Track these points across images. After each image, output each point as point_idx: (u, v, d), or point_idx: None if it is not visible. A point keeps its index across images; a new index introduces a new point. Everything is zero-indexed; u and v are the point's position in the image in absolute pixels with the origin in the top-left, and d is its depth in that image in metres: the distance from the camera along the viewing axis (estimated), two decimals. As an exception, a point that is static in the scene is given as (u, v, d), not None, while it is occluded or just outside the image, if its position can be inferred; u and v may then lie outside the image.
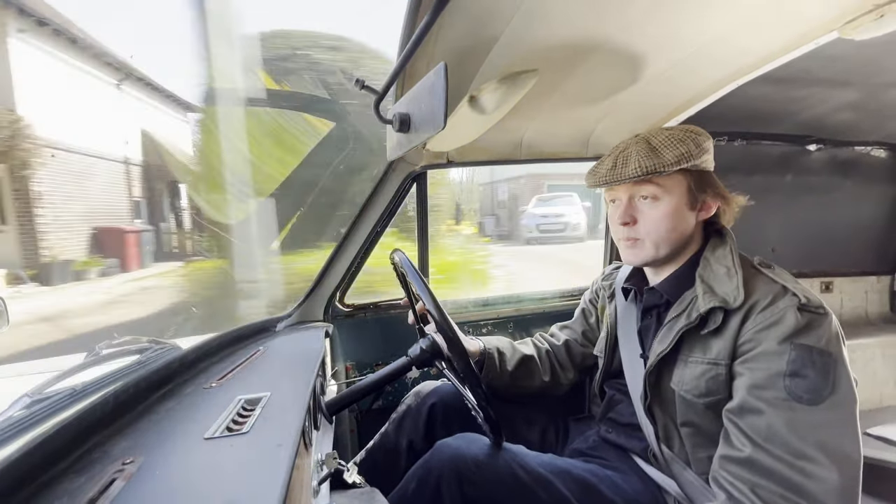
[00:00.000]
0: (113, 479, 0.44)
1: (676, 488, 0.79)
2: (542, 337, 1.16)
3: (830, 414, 0.62)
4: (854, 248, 1.85)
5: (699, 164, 0.77)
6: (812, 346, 0.64)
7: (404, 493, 0.78)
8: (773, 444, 0.62)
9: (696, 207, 0.80)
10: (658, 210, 0.79)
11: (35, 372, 2.62)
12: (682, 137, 0.76)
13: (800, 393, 0.62)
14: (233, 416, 0.59)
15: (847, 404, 0.63)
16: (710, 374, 0.72)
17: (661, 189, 0.78)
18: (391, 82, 0.66)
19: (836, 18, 0.78)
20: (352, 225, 1.26)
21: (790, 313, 0.66)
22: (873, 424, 1.47)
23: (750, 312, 0.70)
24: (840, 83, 1.27)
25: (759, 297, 0.70)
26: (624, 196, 0.82)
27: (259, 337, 1.10)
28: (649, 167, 0.75)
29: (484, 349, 1.03)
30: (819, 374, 0.63)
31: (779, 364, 0.64)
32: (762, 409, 0.64)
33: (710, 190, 0.79)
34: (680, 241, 0.81)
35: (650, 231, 0.80)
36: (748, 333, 0.69)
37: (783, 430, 0.62)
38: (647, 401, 0.82)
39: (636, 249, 0.83)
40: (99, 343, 0.89)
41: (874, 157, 1.78)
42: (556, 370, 1.09)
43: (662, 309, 0.86)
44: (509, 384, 1.05)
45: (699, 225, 0.83)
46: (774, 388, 0.64)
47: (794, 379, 0.63)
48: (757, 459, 0.63)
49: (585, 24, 0.77)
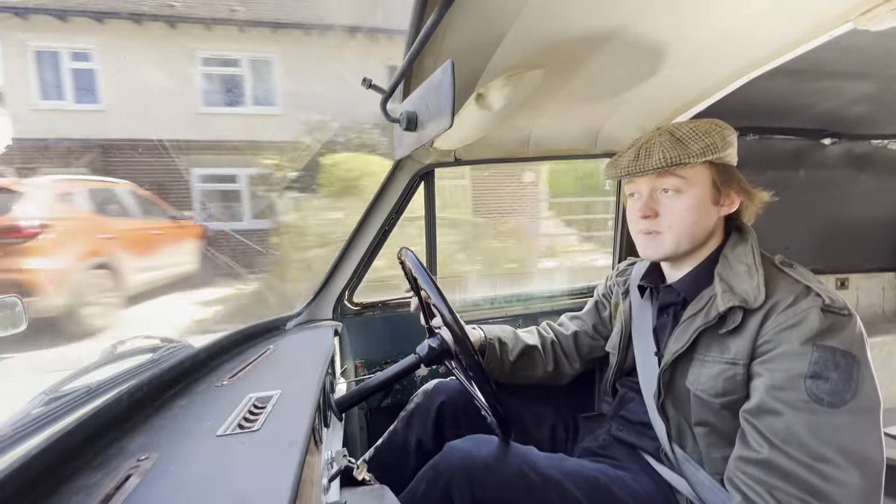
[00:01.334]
0: (129, 475, 0.45)
1: (689, 489, 0.78)
2: (548, 326, 1.14)
3: (852, 418, 0.60)
4: (870, 243, 1.81)
5: (724, 157, 0.75)
6: (835, 348, 0.62)
7: (414, 495, 0.78)
8: (791, 447, 0.61)
9: (718, 202, 0.78)
10: (681, 203, 0.77)
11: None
12: (707, 130, 0.75)
13: (821, 395, 0.61)
14: (244, 413, 0.60)
15: (870, 408, 0.61)
16: (728, 374, 0.71)
17: (684, 182, 0.76)
18: (398, 81, 0.66)
19: (852, 9, 0.77)
20: (360, 224, 1.27)
21: (813, 314, 0.64)
22: (891, 424, 1.44)
23: (771, 312, 0.68)
24: (855, 75, 1.25)
25: (780, 296, 0.68)
26: (645, 189, 0.80)
27: (269, 335, 1.11)
28: (674, 158, 0.73)
29: (485, 338, 1.02)
30: (842, 376, 0.61)
31: (800, 365, 0.63)
32: (781, 411, 0.63)
33: (734, 184, 0.78)
34: (701, 237, 0.79)
35: (672, 224, 0.78)
36: (768, 333, 0.67)
37: (802, 433, 0.60)
38: (660, 399, 0.81)
39: (656, 243, 0.81)
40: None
41: (891, 151, 1.74)
42: (561, 360, 1.08)
43: (679, 307, 0.84)
44: (510, 374, 1.04)
45: (721, 220, 0.81)
46: (795, 389, 0.62)
47: (815, 381, 0.61)
48: (774, 461, 0.61)
49: (593, 19, 0.76)
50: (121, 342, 0.93)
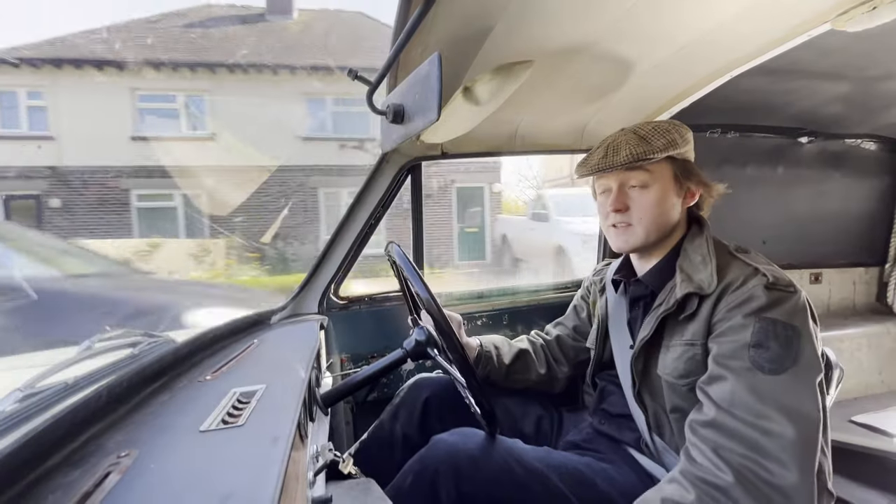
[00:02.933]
0: (108, 472, 0.44)
1: None
2: (536, 334, 1.19)
3: (791, 382, 0.64)
4: (843, 239, 1.88)
5: (684, 152, 0.82)
6: (776, 320, 0.67)
7: (400, 488, 0.79)
8: (735, 408, 0.64)
9: (681, 195, 0.84)
10: (648, 197, 0.82)
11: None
12: (667, 128, 0.81)
13: (762, 363, 0.65)
14: (228, 408, 0.59)
15: (809, 375, 0.65)
16: (688, 355, 0.75)
17: (650, 176, 0.81)
18: (384, 73, 0.65)
19: (830, 10, 0.79)
20: (346, 217, 1.26)
21: (758, 291, 0.69)
22: (859, 412, 1.51)
23: (723, 294, 0.73)
24: (832, 75, 1.28)
25: (731, 278, 0.73)
26: (615, 184, 0.85)
27: (253, 330, 1.09)
28: (639, 154, 0.79)
29: (481, 345, 1.06)
30: (782, 345, 0.65)
31: (744, 335, 0.67)
32: (726, 376, 0.67)
33: (693, 178, 0.83)
34: (667, 228, 0.84)
35: (642, 217, 0.83)
36: (721, 313, 0.72)
37: (745, 395, 0.64)
38: (636, 388, 0.84)
39: (626, 235, 0.85)
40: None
41: (865, 150, 1.80)
42: (552, 364, 1.11)
43: (648, 300, 0.88)
44: (506, 377, 1.07)
45: (684, 213, 0.86)
46: (739, 358, 0.67)
47: (757, 349, 0.66)
48: (720, 421, 0.65)
49: (580, 15, 0.76)
50: (100, 337, 0.90)
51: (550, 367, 1.11)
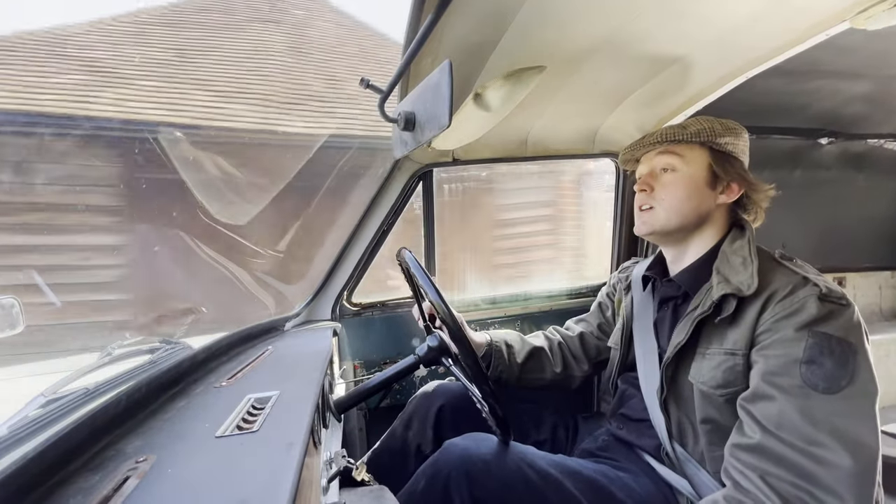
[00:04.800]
0: (126, 476, 0.45)
1: (690, 489, 0.77)
2: (554, 330, 1.15)
3: (847, 404, 0.60)
4: (867, 242, 1.82)
5: (723, 143, 0.80)
6: (831, 335, 0.62)
7: (413, 492, 0.78)
8: (784, 431, 0.61)
9: (716, 188, 0.81)
10: (674, 178, 0.83)
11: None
12: (708, 119, 0.81)
13: (816, 381, 0.61)
14: (243, 414, 0.60)
15: (866, 395, 0.61)
16: (728, 365, 0.71)
17: (680, 160, 0.82)
18: (396, 81, 0.65)
19: (848, 9, 0.77)
20: (358, 224, 1.27)
21: (811, 302, 0.65)
22: (888, 422, 1.45)
23: (769, 302, 0.69)
24: (852, 75, 1.25)
25: (777, 286, 0.69)
26: (646, 168, 0.87)
27: (267, 337, 1.11)
28: (670, 136, 0.81)
29: (491, 342, 1.03)
30: (837, 362, 0.61)
31: (795, 351, 0.63)
32: (775, 396, 0.63)
33: (734, 173, 0.81)
34: (692, 217, 0.82)
35: (664, 199, 0.83)
36: (767, 323, 0.68)
37: (795, 417, 0.60)
38: (662, 394, 0.81)
39: (647, 216, 0.85)
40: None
41: (887, 150, 1.75)
42: (570, 362, 1.08)
43: (679, 301, 0.85)
44: (519, 376, 1.04)
45: (721, 209, 0.83)
46: (789, 374, 0.63)
47: (810, 366, 0.62)
48: (767, 446, 0.61)
49: (590, 19, 0.76)
50: (119, 344, 0.92)
51: (567, 365, 1.08)
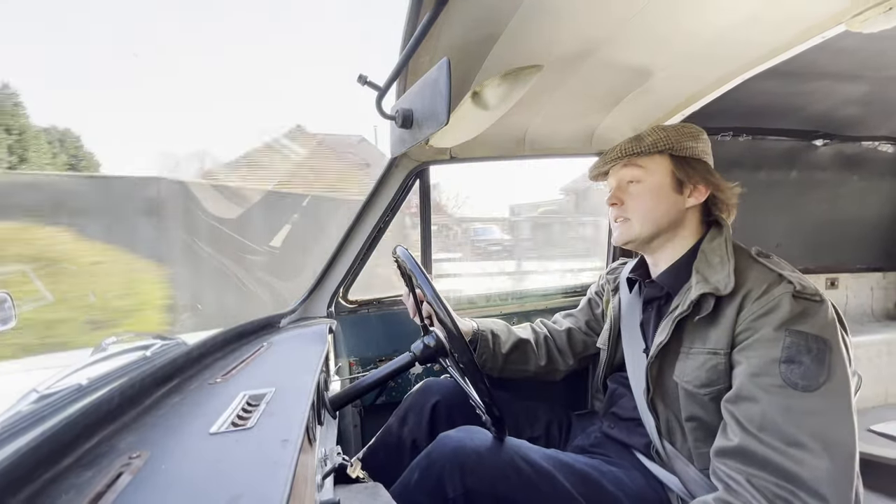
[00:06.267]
0: (120, 472, 0.45)
1: (679, 485, 0.79)
2: (542, 323, 1.17)
3: (825, 401, 0.62)
4: (860, 243, 1.84)
5: (681, 149, 0.82)
6: (807, 333, 0.65)
7: (407, 484, 0.79)
8: (766, 433, 0.62)
9: (683, 191, 0.84)
10: (640, 191, 0.85)
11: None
12: (666, 128, 0.84)
13: (795, 379, 0.63)
14: (237, 411, 0.59)
15: (842, 392, 0.63)
16: (711, 364, 0.73)
17: (643, 171, 0.85)
18: (394, 78, 0.65)
19: (844, 11, 0.77)
20: (355, 221, 1.26)
21: (785, 300, 0.67)
22: (877, 421, 1.47)
23: (746, 301, 0.71)
24: (847, 77, 1.26)
25: (753, 284, 0.71)
26: (614, 182, 0.90)
27: (263, 333, 1.10)
28: (628, 150, 0.85)
29: (477, 330, 1.04)
30: (814, 360, 0.63)
31: (774, 350, 0.65)
32: (758, 397, 0.65)
33: (698, 176, 0.83)
34: (664, 223, 0.84)
35: (634, 208, 0.86)
36: (745, 322, 0.70)
37: (777, 418, 0.62)
38: (649, 394, 0.82)
39: (622, 227, 0.88)
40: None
41: (881, 152, 1.77)
42: (554, 356, 1.09)
43: (663, 301, 0.87)
44: (503, 367, 1.06)
45: (693, 211, 0.85)
46: (769, 374, 0.65)
47: (789, 365, 0.64)
48: (751, 449, 0.63)
49: (589, 19, 0.76)
50: (113, 340, 0.92)
51: (552, 359, 1.09)
